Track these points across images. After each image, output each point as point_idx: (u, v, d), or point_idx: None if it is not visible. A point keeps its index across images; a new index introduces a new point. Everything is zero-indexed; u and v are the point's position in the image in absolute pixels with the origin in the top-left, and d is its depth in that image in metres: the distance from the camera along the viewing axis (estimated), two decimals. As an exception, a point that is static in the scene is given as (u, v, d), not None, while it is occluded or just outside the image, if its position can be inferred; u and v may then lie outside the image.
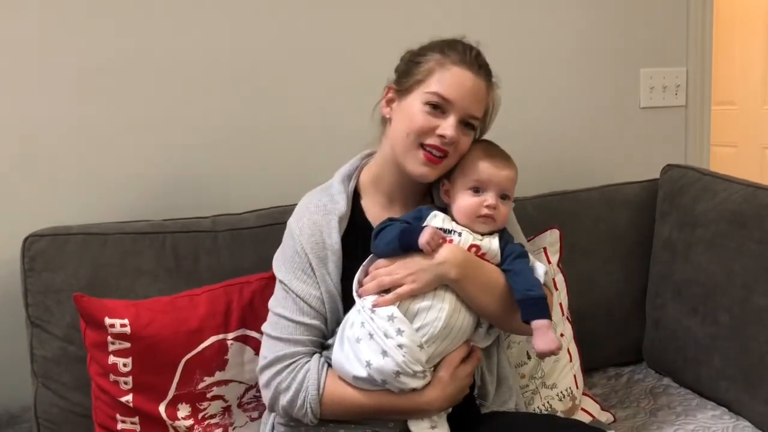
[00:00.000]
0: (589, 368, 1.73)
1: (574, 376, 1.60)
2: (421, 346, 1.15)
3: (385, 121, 1.33)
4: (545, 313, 1.17)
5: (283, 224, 1.55)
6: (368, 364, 1.15)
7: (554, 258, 1.62)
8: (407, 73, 1.28)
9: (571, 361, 1.60)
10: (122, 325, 1.34)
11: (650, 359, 1.82)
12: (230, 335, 1.41)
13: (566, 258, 1.67)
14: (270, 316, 1.28)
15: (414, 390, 1.17)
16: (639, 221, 1.85)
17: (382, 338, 1.14)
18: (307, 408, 1.19)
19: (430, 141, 1.23)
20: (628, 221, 1.85)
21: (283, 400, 1.21)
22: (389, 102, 1.31)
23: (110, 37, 1.66)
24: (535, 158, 2.07)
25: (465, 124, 1.25)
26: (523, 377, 1.55)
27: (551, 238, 1.63)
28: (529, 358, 1.56)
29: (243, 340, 1.42)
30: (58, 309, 1.44)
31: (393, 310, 1.16)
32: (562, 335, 1.60)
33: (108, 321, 1.34)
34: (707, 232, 1.63)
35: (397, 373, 1.14)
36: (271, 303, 1.30)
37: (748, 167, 3.46)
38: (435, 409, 1.19)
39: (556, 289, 1.61)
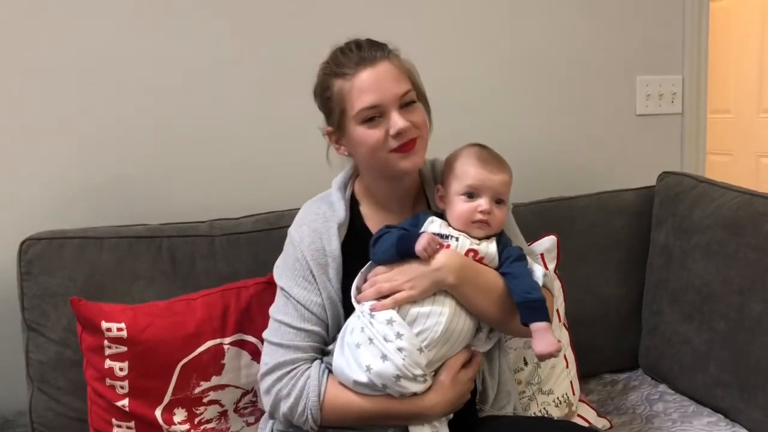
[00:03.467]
0: (585, 375, 1.73)
1: (571, 382, 1.60)
2: (420, 350, 1.15)
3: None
4: (544, 316, 1.17)
5: (279, 229, 1.57)
6: (368, 369, 1.15)
7: (551, 265, 1.62)
8: (329, 111, 1.29)
9: (567, 367, 1.60)
10: (119, 329, 1.34)
11: (646, 366, 1.82)
12: (227, 340, 1.41)
13: (563, 264, 1.67)
14: (271, 323, 1.29)
15: (415, 395, 1.17)
16: (635, 228, 1.85)
17: (382, 342, 1.14)
18: (307, 414, 1.19)
19: (393, 144, 1.22)
20: (624, 228, 1.86)
21: (284, 406, 1.21)
22: (337, 142, 1.31)
23: (111, 37, 1.66)
24: (532, 165, 2.08)
25: (405, 105, 1.24)
26: (520, 383, 1.55)
27: (548, 244, 1.63)
28: (525, 363, 1.56)
29: (240, 344, 1.42)
30: (55, 313, 1.43)
31: (392, 314, 1.17)
32: (559, 341, 1.59)
33: (105, 325, 1.34)
34: (703, 238, 1.63)
35: (398, 377, 1.14)
36: (272, 310, 1.30)
37: (743, 175, 3.48)
38: (436, 414, 1.19)
39: (553, 294, 1.61)
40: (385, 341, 1.14)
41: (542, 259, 1.61)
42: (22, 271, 1.44)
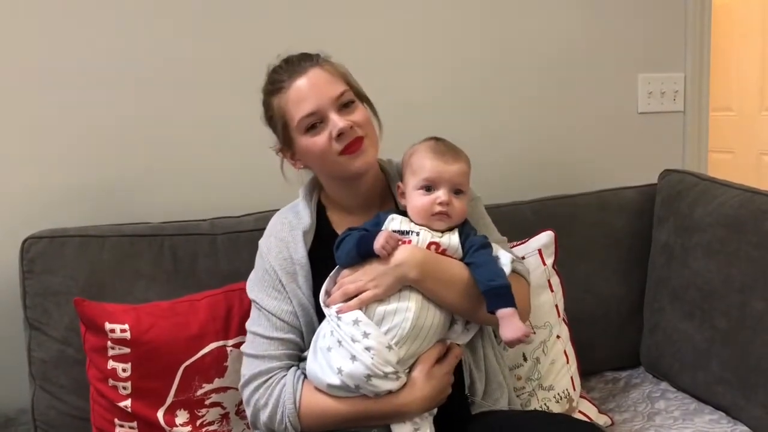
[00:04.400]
0: (586, 372, 1.73)
1: (571, 378, 1.60)
2: (390, 347, 1.15)
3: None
4: (509, 302, 1.15)
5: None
6: (340, 371, 1.15)
7: (549, 260, 1.62)
8: (274, 128, 1.31)
9: (567, 363, 1.60)
10: (122, 330, 1.34)
11: (648, 363, 1.82)
12: (230, 342, 1.42)
13: (564, 262, 1.67)
14: (247, 336, 1.30)
15: (390, 393, 1.16)
16: (636, 226, 1.85)
17: (350, 343, 1.15)
18: (286, 422, 1.20)
19: (338, 146, 1.23)
20: (625, 226, 1.85)
21: (263, 416, 1.22)
22: (291, 158, 1.33)
23: (112, 37, 1.66)
24: (533, 162, 2.08)
25: (344, 105, 1.25)
26: (520, 379, 1.55)
27: (546, 239, 1.63)
28: (525, 359, 1.56)
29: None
30: (57, 311, 1.44)
31: (357, 314, 1.17)
32: (558, 337, 1.60)
33: (108, 326, 1.34)
34: (705, 236, 1.63)
35: (368, 377, 1.14)
36: (248, 324, 1.32)
37: (745, 173, 3.47)
38: (414, 411, 1.18)
39: (552, 290, 1.61)
40: (353, 342, 1.15)
41: (540, 254, 1.61)
42: (24, 270, 1.45)
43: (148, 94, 1.71)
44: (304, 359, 1.26)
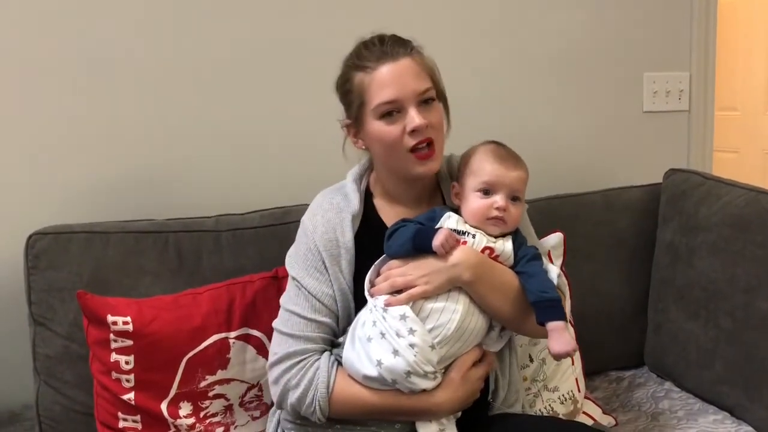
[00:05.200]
0: (590, 372, 1.73)
1: (576, 379, 1.60)
2: (432, 347, 1.15)
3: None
4: (560, 315, 1.16)
5: (285, 224, 1.57)
6: (379, 363, 1.14)
7: (557, 262, 1.62)
8: (348, 104, 1.29)
9: (573, 364, 1.60)
10: (125, 323, 1.35)
11: (652, 363, 1.82)
12: (232, 334, 1.42)
13: (568, 261, 1.67)
14: (281, 313, 1.28)
15: (424, 391, 1.16)
16: (641, 225, 1.85)
17: (394, 337, 1.14)
18: (315, 406, 1.19)
19: (410, 142, 1.22)
20: (630, 225, 1.85)
21: (292, 397, 1.20)
22: (355, 136, 1.31)
23: (115, 35, 1.67)
24: (538, 161, 2.05)
25: (424, 102, 1.24)
26: (525, 380, 1.55)
27: (555, 241, 1.63)
28: (531, 360, 1.56)
29: (245, 339, 1.42)
30: (61, 307, 1.44)
31: (405, 309, 1.16)
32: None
33: (110, 318, 1.34)
34: (710, 236, 1.63)
35: (408, 373, 1.13)
36: (283, 300, 1.29)
37: (750, 173, 3.46)
38: (444, 412, 1.18)
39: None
40: (398, 337, 1.14)
41: (549, 256, 1.60)
42: (29, 266, 1.45)
43: (154, 93, 1.71)
44: (336, 345, 1.25)
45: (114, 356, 1.35)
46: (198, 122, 1.75)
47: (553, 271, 1.25)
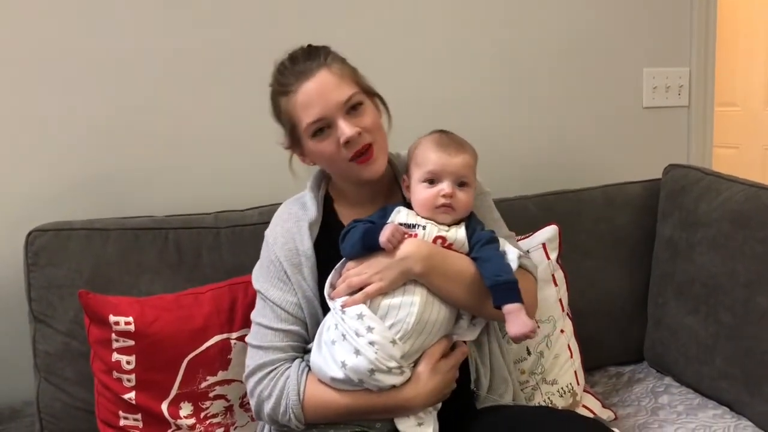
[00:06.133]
0: (590, 367, 1.73)
1: (575, 372, 1.60)
2: (394, 342, 1.15)
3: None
4: (516, 297, 1.14)
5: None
6: (343, 365, 1.14)
7: (553, 254, 1.62)
8: (284, 126, 1.29)
9: (571, 357, 1.60)
10: (126, 323, 1.35)
11: (651, 358, 1.82)
12: (234, 335, 1.42)
13: (568, 257, 1.67)
14: (252, 327, 1.30)
15: (394, 387, 1.16)
16: (641, 221, 1.85)
17: (354, 337, 1.14)
18: (290, 414, 1.19)
19: (348, 152, 1.22)
20: (630, 221, 1.85)
21: (267, 407, 1.22)
22: (300, 154, 1.32)
23: (117, 31, 1.66)
24: (538, 157, 2.08)
25: (351, 108, 1.23)
26: (524, 373, 1.55)
27: (550, 234, 1.62)
28: (529, 353, 1.56)
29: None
30: (61, 304, 1.44)
31: (362, 308, 1.16)
32: (562, 331, 1.60)
33: (112, 318, 1.34)
34: (709, 231, 1.63)
35: (371, 371, 1.13)
36: (253, 314, 1.31)
37: (750, 169, 3.46)
38: (417, 406, 1.18)
39: (556, 284, 1.61)
40: (357, 336, 1.14)
41: (544, 249, 1.60)
42: (29, 263, 1.45)
43: (153, 89, 1.71)
44: (308, 351, 1.26)
45: (115, 356, 1.35)
46: (197, 118, 1.75)
47: (512, 252, 1.24)
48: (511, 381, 1.36)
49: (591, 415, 1.56)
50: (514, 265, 1.21)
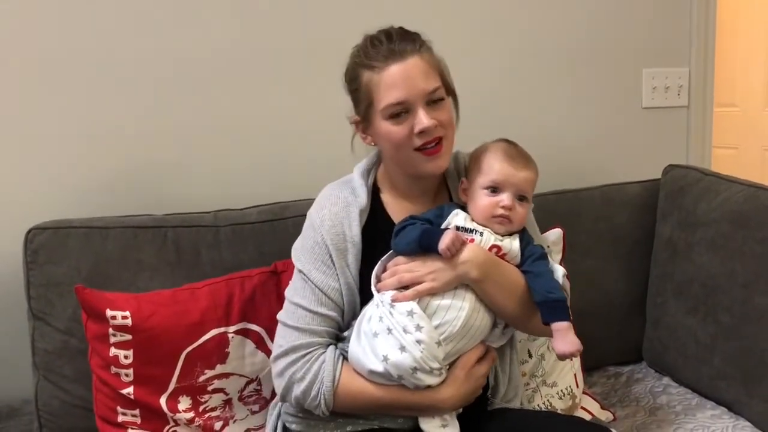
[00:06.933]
0: (589, 367, 1.73)
1: (575, 374, 1.60)
2: (439, 343, 1.15)
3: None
4: (566, 315, 1.16)
5: (284, 220, 1.57)
6: (385, 359, 1.14)
7: (557, 257, 1.62)
8: (356, 101, 1.28)
9: (571, 360, 1.60)
10: (123, 317, 1.35)
11: (650, 358, 1.82)
12: (231, 328, 1.42)
13: (567, 257, 1.67)
14: (287, 305, 1.27)
15: (428, 387, 1.16)
16: (640, 221, 1.85)
17: (401, 333, 1.14)
18: (321, 399, 1.19)
19: (418, 142, 1.22)
20: (629, 221, 1.85)
21: (297, 390, 1.20)
22: (364, 131, 1.30)
23: (119, 32, 1.66)
24: (537, 157, 2.05)
25: (432, 102, 1.22)
26: (524, 375, 1.55)
27: (554, 237, 1.63)
28: (530, 356, 1.56)
29: (244, 333, 1.42)
30: (60, 302, 1.44)
31: (413, 305, 1.16)
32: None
33: (109, 313, 1.35)
34: (708, 232, 1.63)
35: (414, 369, 1.14)
36: (289, 292, 1.28)
37: (749, 169, 3.46)
38: (448, 407, 1.18)
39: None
40: (405, 332, 1.14)
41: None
42: (28, 261, 1.45)
43: (153, 89, 1.71)
44: (341, 339, 1.25)
45: (113, 351, 1.35)
46: (196, 117, 1.75)
47: (559, 271, 1.25)
48: (521, 387, 1.37)
49: (590, 417, 1.57)
50: (560, 283, 1.23)
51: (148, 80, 1.70)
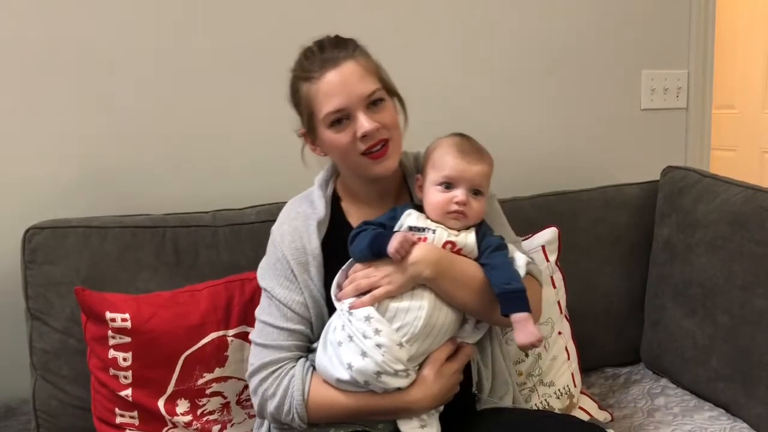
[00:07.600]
0: (587, 368, 1.73)
1: (572, 374, 1.60)
2: (401, 345, 1.15)
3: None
4: (524, 306, 1.14)
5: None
6: (350, 366, 1.14)
7: (552, 256, 1.62)
8: (300, 114, 1.28)
9: (569, 359, 1.60)
10: (123, 320, 1.35)
11: (648, 360, 1.82)
12: (230, 332, 1.42)
13: (566, 258, 1.67)
14: (256, 324, 1.29)
15: (398, 389, 1.16)
16: (639, 222, 1.85)
17: (361, 339, 1.14)
18: (293, 413, 1.19)
19: (362, 146, 1.21)
20: (627, 222, 1.85)
21: (270, 406, 1.21)
22: (312, 143, 1.30)
23: (116, 28, 1.66)
24: (536, 159, 2.08)
25: (372, 103, 1.22)
26: (521, 374, 1.55)
27: (550, 236, 1.63)
28: (527, 355, 1.56)
29: (243, 336, 1.42)
30: (58, 302, 1.44)
31: (369, 311, 1.16)
32: (560, 333, 1.60)
33: (109, 315, 1.34)
34: (707, 233, 1.63)
35: (378, 373, 1.13)
36: (257, 311, 1.30)
37: (748, 171, 3.46)
38: (421, 408, 1.18)
39: (554, 286, 1.61)
40: (364, 338, 1.14)
41: (543, 251, 1.61)
42: (26, 260, 1.45)
43: (151, 86, 1.71)
44: (312, 351, 1.25)
45: (112, 353, 1.35)
46: (195, 117, 1.75)
47: (520, 259, 1.24)
48: (511, 383, 1.36)
49: (587, 417, 1.57)
50: (522, 271, 1.21)
51: (148, 80, 1.70)
